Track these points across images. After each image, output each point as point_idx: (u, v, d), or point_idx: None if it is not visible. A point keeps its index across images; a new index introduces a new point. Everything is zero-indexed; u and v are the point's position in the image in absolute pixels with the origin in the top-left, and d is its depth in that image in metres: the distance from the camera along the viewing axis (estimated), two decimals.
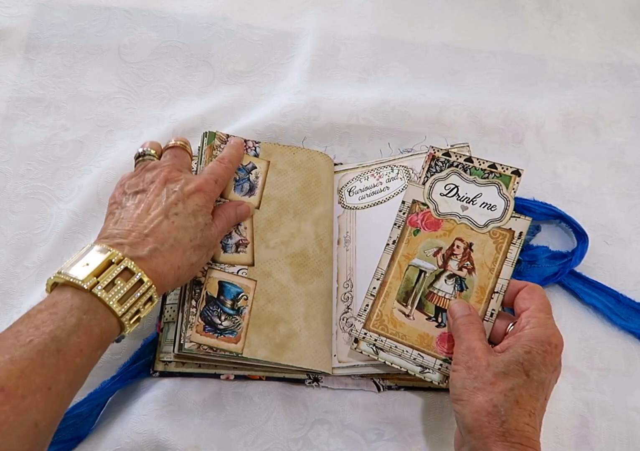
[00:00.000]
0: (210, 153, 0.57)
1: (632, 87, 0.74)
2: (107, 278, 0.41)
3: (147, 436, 0.51)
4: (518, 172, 0.50)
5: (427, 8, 0.77)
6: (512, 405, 0.40)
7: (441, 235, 0.49)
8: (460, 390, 0.42)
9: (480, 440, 0.40)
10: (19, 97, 0.66)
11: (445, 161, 0.51)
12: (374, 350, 0.49)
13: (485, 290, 0.48)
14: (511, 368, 0.41)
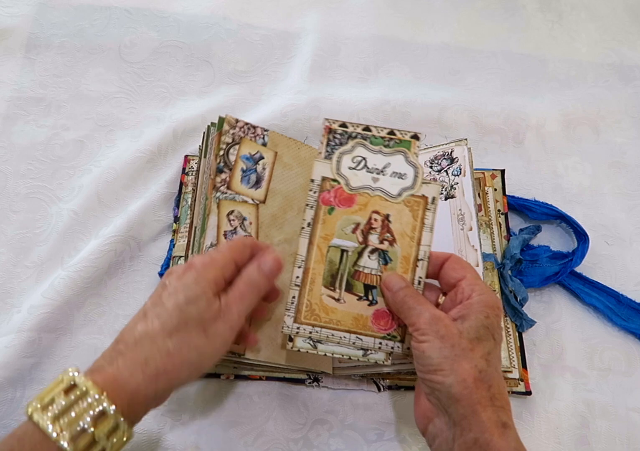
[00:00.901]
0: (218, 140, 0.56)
1: (633, 87, 0.74)
2: (47, 397, 0.36)
3: (147, 436, 0.51)
4: (417, 136, 0.48)
5: (427, 8, 0.77)
6: (493, 369, 0.41)
7: (357, 211, 0.47)
8: (438, 360, 0.41)
9: (469, 407, 0.39)
10: (20, 97, 0.66)
11: (343, 133, 0.49)
12: (311, 345, 0.47)
13: (409, 260, 0.47)
14: (481, 333, 0.41)
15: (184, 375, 0.39)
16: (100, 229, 0.59)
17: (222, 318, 0.41)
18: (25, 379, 0.53)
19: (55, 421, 0.35)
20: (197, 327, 0.39)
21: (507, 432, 0.39)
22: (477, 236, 0.53)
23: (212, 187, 0.55)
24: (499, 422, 0.39)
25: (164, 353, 0.38)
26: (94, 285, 0.57)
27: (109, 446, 0.36)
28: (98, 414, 0.36)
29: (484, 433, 0.38)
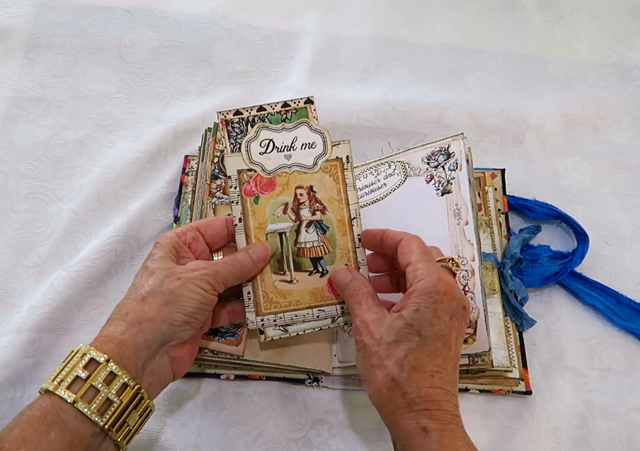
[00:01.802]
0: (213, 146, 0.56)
1: (633, 88, 0.74)
2: (58, 369, 0.40)
3: (147, 436, 0.51)
4: (310, 100, 0.49)
5: (427, 8, 0.77)
6: (409, 373, 0.39)
7: (281, 192, 0.48)
8: (362, 371, 0.41)
9: (389, 416, 0.40)
10: (20, 97, 0.66)
11: (240, 120, 0.50)
12: (282, 330, 0.48)
13: (344, 222, 0.48)
14: (401, 333, 0.40)
15: (166, 318, 0.42)
16: (100, 229, 0.59)
17: (193, 270, 0.44)
18: (25, 379, 0.53)
19: (53, 380, 0.39)
20: (164, 274, 0.43)
21: (428, 436, 0.38)
22: (473, 230, 0.53)
23: (208, 192, 0.55)
24: (418, 428, 0.38)
25: (139, 299, 0.42)
26: (94, 285, 0.57)
27: (113, 395, 0.39)
28: (88, 362, 0.39)
29: (407, 440, 0.39)
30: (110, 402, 0.39)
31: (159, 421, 0.52)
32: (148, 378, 0.42)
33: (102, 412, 0.38)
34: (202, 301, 0.43)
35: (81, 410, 0.38)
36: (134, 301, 0.42)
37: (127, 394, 0.39)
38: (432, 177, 0.56)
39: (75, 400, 0.38)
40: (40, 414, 0.37)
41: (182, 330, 0.43)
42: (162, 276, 0.43)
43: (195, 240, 0.47)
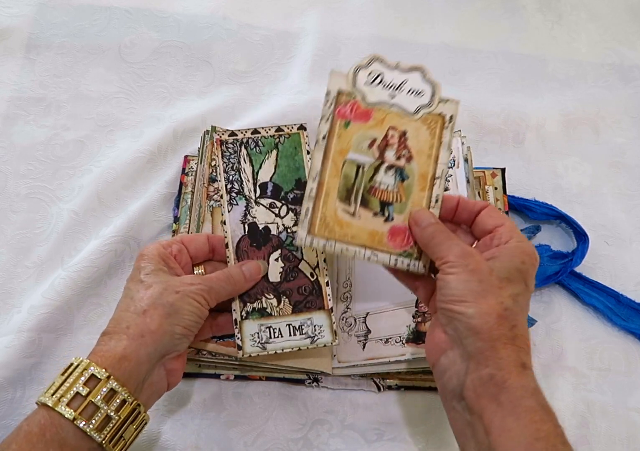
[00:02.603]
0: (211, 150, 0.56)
1: (633, 88, 0.74)
2: (51, 383, 0.40)
3: (147, 436, 0.51)
4: (303, 127, 0.52)
5: (427, 8, 0.77)
6: (519, 310, 0.40)
7: (373, 126, 0.46)
8: (463, 291, 0.40)
9: (488, 342, 0.38)
10: (20, 97, 0.66)
11: (234, 141, 0.52)
12: (260, 347, 0.48)
13: (426, 177, 0.46)
14: (513, 275, 0.40)
15: (167, 330, 0.42)
16: (100, 229, 0.59)
17: (190, 284, 0.44)
18: (25, 379, 0.53)
19: (53, 395, 0.38)
20: (162, 287, 0.43)
21: (525, 372, 0.38)
22: None
23: (206, 195, 0.55)
24: (518, 361, 0.38)
25: (140, 312, 0.42)
26: (94, 286, 0.57)
27: (112, 412, 0.39)
28: (88, 378, 0.39)
29: (501, 370, 0.37)
30: (109, 418, 0.39)
31: (159, 421, 0.52)
32: (146, 391, 0.42)
33: (101, 429, 0.38)
34: (199, 314, 0.44)
35: (81, 428, 0.38)
36: (134, 314, 0.42)
37: (126, 410, 0.40)
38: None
39: (75, 417, 0.38)
40: (38, 430, 0.37)
41: (181, 343, 0.43)
42: (160, 289, 0.43)
43: (180, 252, 0.48)
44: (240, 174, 0.51)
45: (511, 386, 0.37)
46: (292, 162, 0.51)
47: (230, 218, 0.50)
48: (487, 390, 0.37)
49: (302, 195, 0.48)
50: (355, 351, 0.53)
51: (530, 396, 0.37)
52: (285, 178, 0.51)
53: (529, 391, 0.37)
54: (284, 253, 0.50)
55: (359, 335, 0.54)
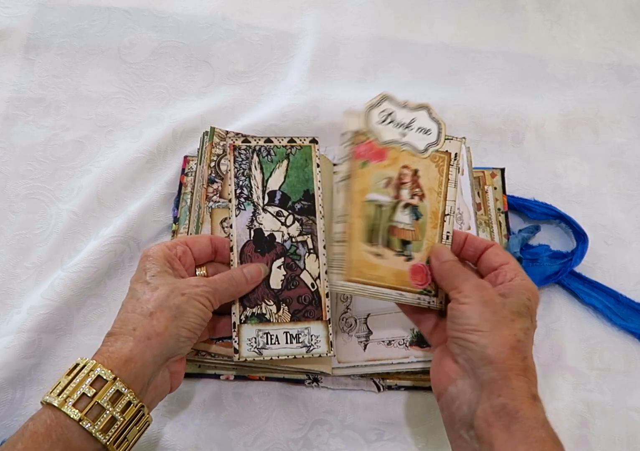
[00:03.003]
0: (210, 151, 0.56)
1: (632, 87, 0.74)
2: (63, 382, 0.39)
3: (147, 436, 0.51)
4: (315, 140, 0.53)
5: (427, 8, 0.77)
6: (529, 343, 0.41)
7: (388, 165, 0.47)
8: (477, 321, 0.41)
9: (501, 371, 0.39)
10: (19, 97, 0.66)
11: (247, 148, 0.52)
12: (257, 352, 0.48)
13: (437, 214, 0.48)
14: (522, 310, 0.42)
15: (173, 333, 0.42)
16: (99, 230, 0.59)
17: (195, 286, 0.44)
18: (25, 380, 0.53)
19: (59, 395, 0.38)
20: (169, 289, 0.43)
21: (536, 404, 0.39)
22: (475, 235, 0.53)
23: (205, 196, 0.55)
24: (530, 393, 0.39)
25: (147, 314, 0.42)
26: (93, 286, 0.57)
27: (117, 413, 0.39)
28: (94, 380, 0.39)
29: (514, 400, 0.38)
30: (115, 420, 0.39)
31: (159, 421, 0.52)
32: (151, 394, 0.42)
33: (106, 430, 0.38)
34: (203, 317, 0.44)
35: (86, 429, 0.38)
36: (140, 316, 0.42)
37: (130, 411, 0.40)
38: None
39: (81, 418, 0.38)
40: (44, 431, 0.37)
41: (185, 345, 0.43)
42: (166, 291, 0.43)
43: (184, 254, 0.48)
44: (250, 180, 0.52)
45: (523, 416, 0.38)
46: (302, 173, 0.52)
47: (237, 222, 0.51)
48: (499, 419, 0.38)
49: (309, 206, 0.50)
50: (356, 352, 0.53)
51: (541, 427, 0.38)
52: (294, 188, 0.52)
53: (540, 422, 0.38)
54: (286, 261, 0.50)
55: (359, 336, 0.54)
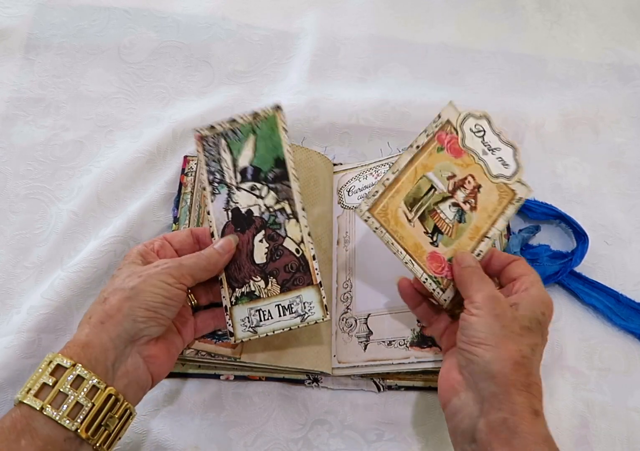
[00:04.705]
0: None
1: (632, 87, 0.74)
2: (29, 378, 0.40)
3: (147, 436, 0.51)
4: (278, 107, 0.51)
5: (427, 8, 0.77)
6: (536, 360, 0.41)
7: (459, 164, 0.50)
8: (485, 335, 0.41)
9: (503, 387, 0.39)
10: (19, 97, 0.66)
11: (214, 135, 0.52)
12: (251, 332, 0.48)
13: (479, 231, 0.50)
14: (533, 325, 0.42)
15: (127, 314, 0.42)
16: (99, 230, 0.59)
17: (155, 266, 0.44)
18: (25, 380, 0.52)
19: (23, 390, 0.39)
20: (126, 274, 0.44)
21: (538, 419, 0.39)
22: None
23: None
24: (531, 408, 0.39)
25: (102, 301, 0.43)
26: (93, 286, 0.57)
27: (83, 399, 0.39)
28: (54, 369, 0.39)
29: (514, 415, 0.38)
30: (81, 406, 0.39)
31: (159, 421, 0.52)
32: (122, 380, 0.41)
33: (73, 416, 0.38)
34: (166, 295, 0.43)
35: (50, 416, 0.37)
36: (97, 304, 0.43)
37: (99, 397, 0.39)
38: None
39: (43, 406, 0.38)
40: (10, 424, 0.37)
41: (148, 327, 0.42)
42: (123, 276, 0.44)
43: (162, 247, 0.48)
44: (221, 163, 0.51)
45: (523, 431, 0.38)
46: (270, 142, 0.51)
47: (214, 207, 0.50)
48: (499, 434, 0.38)
49: (281, 172, 0.50)
50: (356, 352, 0.53)
51: (542, 442, 0.38)
52: (263, 159, 0.51)
53: (541, 437, 0.38)
54: (267, 232, 0.50)
55: (359, 336, 0.54)
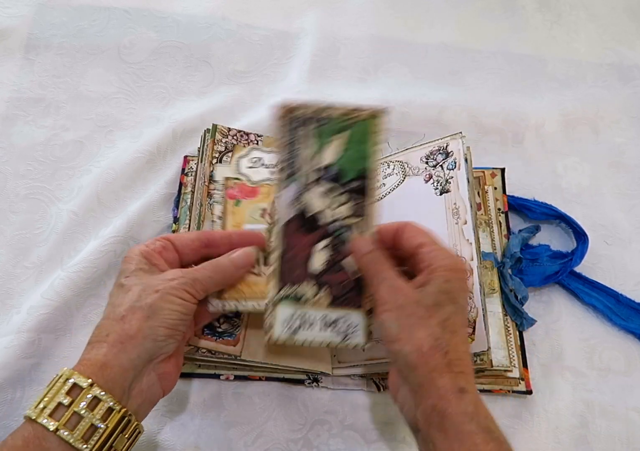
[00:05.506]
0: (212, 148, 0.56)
1: (632, 87, 0.74)
2: (42, 394, 0.39)
3: (147, 436, 0.51)
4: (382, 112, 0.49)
5: (427, 8, 0.77)
6: (451, 335, 0.40)
7: (261, 199, 0.53)
8: (396, 330, 0.41)
9: (425, 375, 0.39)
10: (19, 97, 0.66)
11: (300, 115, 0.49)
12: (289, 334, 0.47)
13: None
14: (440, 298, 0.41)
15: (148, 334, 0.41)
16: (99, 230, 0.59)
17: (170, 280, 0.43)
18: (25, 380, 0.53)
19: (36, 407, 0.38)
20: (141, 288, 0.42)
21: (464, 397, 0.39)
22: (471, 229, 0.53)
23: (207, 193, 0.55)
24: (456, 387, 0.39)
25: (119, 319, 0.41)
26: (93, 286, 0.57)
27: (98, 421, 0.38)
28: (71, 388, 0.38)
29: (441, 400, 0.39)
30: (95, 428, 0.38)
31: (159, 421, 0.52)
32: (136, 399, 0.41)
33: (87, 439, 0.37)
34: (183, 312, 0.42)
35: (64, 438, 0.37)
36: (113, 321, 0.41)
37: (114, 418, 0.38)
38: (430, 176, 0.56)
39: (57, 427, 0.37)
40: (22, 443, 0.36)
41: (167, 344, 0.42)
42: (138, 291, 0.42)
43: (165, 248, 0.46)
44: (300, 152, 0.47)
45: (451, 413, 0.38)
46: (359, 148, 0.47)
47: (281, 199, 0.48)
48: (433, 421, 0.39)
49: (361, 186, 0.47)
50: (356, 352, 0.53)
51: (470, 420, 0.38)
52: (348, 164, 0.47)
53: (468, 415, 0.38)
54: (332, 243, 0.47)
55: None
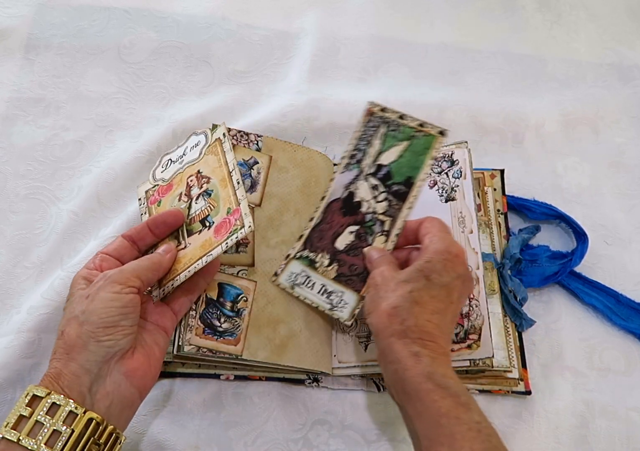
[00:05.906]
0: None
1: (632, 87, 0.74)
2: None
3: (147, 436, 0.51)
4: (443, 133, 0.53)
5: (427, 8, 0.77)
6: (411, 304, 0.43)
7: (177, 188, 0.53)
8: (368, 306, 0.46)
9: (385, 340, 0.43)
10: (19, 97, 0.66)
11: (382, 116, 0.55)
12: (289, 286, 0.53)
13: (225, 178, 0.50)
14: (412, 275, 0.44)
15: (87, 339, 0.41)
16: (99, 230, 0.59)
17: (96, 282, 0.44)
18: (24, 380, 0.53)
19: (4, 426, 0.38)
20: (74, 302, 0.44)
21: (419, 360, 0.41)
22: (477, 239, 0.53)
23: None
24: (410, 352, 0.41)
25: (60, 335, 0.42)
26: None
27: (60, 425, 0.38)
28: (30, 399, 0.39)
29: (399, 363, 0.41)
30: (59, 433, 0.38)
31: (159, 421, 0.52)
32: (103, 402, 0.41)
33: (52, 445, 0.38)
34: (119, 305, 0.42)
35: (27, 446, 0.37)
36: (57, 340, 0.43)
37: (79, 422, 0.39)
38: (435, 183, 0.57)
39: (19, 437, 0.37)
40: None
41: (116, 342, 0.42)
42: (72, 307, 0.43)
43: (104, 261, 0.47)
44: (368, 147, 0.54)
45: (409, 376, 0.41)
46: (415, 158, 0.53)
47: (338, 179, 0.55)
48: (396, 385, 0.42)
49: (404, 192, 0.52)
50: (357, 352, 0.53)
51: (426, 380, 0.40)
52: (400, 169, 0.53)
53: (425, 375, 0.40)
54: (360, 231, 0.53)
55: (360, 336, 0.54)
